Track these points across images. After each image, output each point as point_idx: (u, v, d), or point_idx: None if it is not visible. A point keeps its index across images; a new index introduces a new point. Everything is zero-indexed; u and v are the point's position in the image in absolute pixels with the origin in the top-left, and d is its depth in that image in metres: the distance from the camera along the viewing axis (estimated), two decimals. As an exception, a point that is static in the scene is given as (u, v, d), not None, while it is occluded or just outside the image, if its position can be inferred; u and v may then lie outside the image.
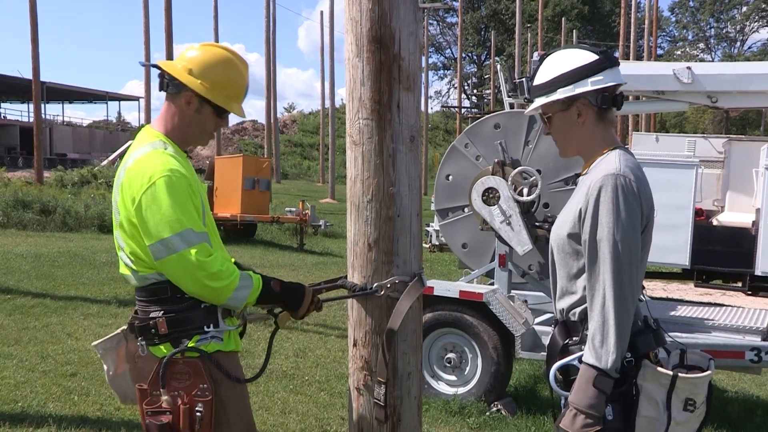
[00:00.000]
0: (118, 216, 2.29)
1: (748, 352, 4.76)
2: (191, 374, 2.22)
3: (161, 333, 2.25)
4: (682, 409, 1.96)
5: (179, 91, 2.33)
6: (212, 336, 2.29)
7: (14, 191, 16.92)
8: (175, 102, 2.36)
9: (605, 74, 2.09)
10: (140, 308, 2.34)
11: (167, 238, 2.15)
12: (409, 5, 2.35)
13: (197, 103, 2.35)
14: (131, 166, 2.25)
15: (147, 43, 21.61)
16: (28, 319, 7.10)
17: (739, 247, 6.45)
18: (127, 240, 2.27)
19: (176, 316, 2.25)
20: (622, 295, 1.92)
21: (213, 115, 2.40)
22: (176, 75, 2.32)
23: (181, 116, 2.36)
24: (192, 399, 2.20)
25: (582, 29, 48.81)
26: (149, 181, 2.17)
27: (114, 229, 2.36)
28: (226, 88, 2.36)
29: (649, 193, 2.03)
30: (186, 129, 2.38)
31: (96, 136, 49.55)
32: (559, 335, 2.14)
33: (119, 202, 2.26)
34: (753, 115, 43.94)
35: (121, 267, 2.39)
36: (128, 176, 2.23)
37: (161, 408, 2.20)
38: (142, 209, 2.17)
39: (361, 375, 2.47)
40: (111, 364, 2.45)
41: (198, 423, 2.19)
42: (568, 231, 2.07)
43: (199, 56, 2.35)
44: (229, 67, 2.37)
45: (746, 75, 5.59)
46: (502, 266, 5.42)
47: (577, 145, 2.18)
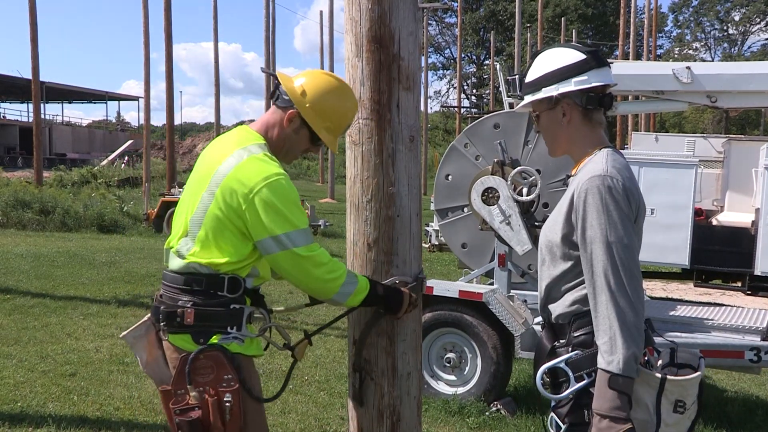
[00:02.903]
0: (207, 204, 2.29)
1: (748, 352, 4.76)
2: (214, 367, 2.23)
3: (186, 323, 2.27)
4: (672, 411, 1.94)
5: (286, 106, 2.39)
6: (234, 337, 2.31)
7: (14, 191, 16.92)
8: (279, 114, 2.41)
9: (590, 74, 2.06)
10: (168, 294, 2.35)
11: (280, 235, 2.21)
12: (409, 5, 2.35)
13: (298, 124, 2.39)
14: (244, 163, 2.27)
15: (147, 44, 21.59)
16: (27, 319, 7.10)
17: (738, 247, 6.45)
18: (210, 230, 2.28)
19: (204, 310, 2.27)
20: (625, 295, 1.90)
21: (307, 140, 2.44)
22: (289, 92, 2.38)
23: (280, 129, 2.42)
24: (218, 391, 2.22)
25: (582, 29, 48.82)
26: (266, 179, 2.22)
27: (185, 213, 2.37)
28: (329, 120, 2.39)
29: (637, 192, 2.01)
30: (278, 142, 2.43)
31: (95, 136, 49.58)
32: (547, 338, 2.13)
33: (219, 194, 2.27)
34: (752, 115, 43.93)
35: (171, 242, 2.41)
36: (240, 172, 2.25)
37: (189, 405, 2.22)
38: (255, 206, 2.21)
39: (361, 375, 2.47)
40: (143, 352, 2.47)
41: (228, 413, 2.21)
42: (557, 233, 2.06)
43: (315, 82, 2.40)
44: (340, 100, 2.38)
45: (746, 75, 5.59)
46: (502, 266, 5.42)
47: (564, 144, 2.16)
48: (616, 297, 1.90)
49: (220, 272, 2.28)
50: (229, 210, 2.25)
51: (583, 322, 2.02)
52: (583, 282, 2.02)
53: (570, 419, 2.02)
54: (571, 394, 2.00)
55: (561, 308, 2.08)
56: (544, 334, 2.16)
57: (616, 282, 1.90)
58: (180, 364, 2.25)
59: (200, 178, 2.37)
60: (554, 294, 2.11)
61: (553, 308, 2.11)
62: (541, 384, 2.05)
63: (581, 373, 1.99)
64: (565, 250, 2.04)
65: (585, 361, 1.99)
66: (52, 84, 41.33)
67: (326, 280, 2.25)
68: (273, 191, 2.22)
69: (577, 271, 2.03)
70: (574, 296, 2.05)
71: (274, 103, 2.45)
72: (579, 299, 2.03)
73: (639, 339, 1.90)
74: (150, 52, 22.06)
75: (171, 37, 21.72)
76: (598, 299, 1.93)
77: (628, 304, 1.90)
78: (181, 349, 2.29)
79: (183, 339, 2.30)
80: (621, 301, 1.90)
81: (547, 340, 2.12)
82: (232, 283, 2.29)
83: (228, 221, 2.26)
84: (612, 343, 1.88)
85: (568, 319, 2.05)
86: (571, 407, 2.02)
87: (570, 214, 2.02)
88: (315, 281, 2.26)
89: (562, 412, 2.04)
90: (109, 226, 15.79)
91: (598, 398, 1.89)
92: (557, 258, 2.07)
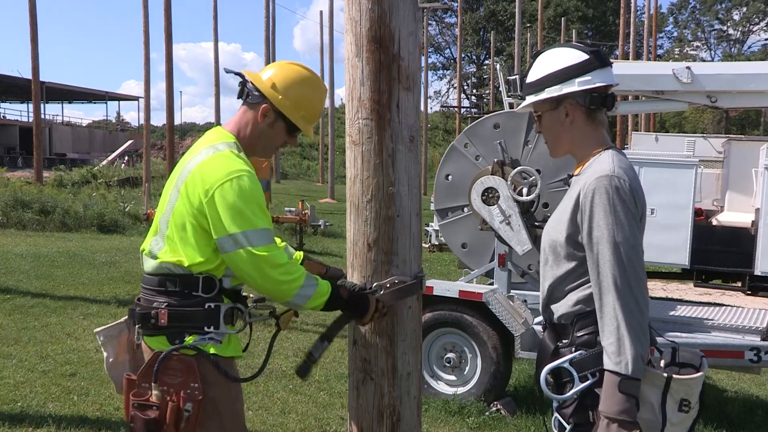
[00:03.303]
0: (174, 201, 2.31)
1: (748, 352, 4.76)
2: (184, 371, 2.22)
3: (160, 324, 2.26)
4: (677, 410, 1.94)
5: (258, 102, 2.40)
6: (210, 338, 2.29)
7: (14, 191, 16.91)
8: (251, 111, 2.42)
9: (594, 75, 2.05)
10: (144, 296, 2.36)
11: (237, 234, 2.19)
12: (409, 5, 2.35)
13: (272, 117, 2.41)
14: (208, 160, 2.28)
15: (146, 43, 21.57)
16: (27, 319, 7.10)
17: (738, 247, 6.45)
18: (175, 228, 2.29)
19: (178, 311, 2.26)
20: (631, 295, 1.89)
21: (284, 132, 2.46)
22: (260, 86, 2.39)
23: (254, 126, 2.42)
24: (181, 397, 2.20)
25: (582, 29, 48.81)
26: (227, 176, 2.22)
27: (158, 214, 2.39)
28: (303, 109, 2.42)
29: (642, 193, 2.01)
30: (255, 139, 2.43)
31: (95, 136, 49.58)
32: (549, 338, 2.11)
33: (183, 190, 2.28)
34: (752, 115, 43.94)
35: (144, 244, 2.42)
36: (203, 169, 2.26)
37: (148, 402, 2.21)
38: (215, 203, 2.21)
39: (360, 375, 2.47)
40: (111, 352, 2.47)
41: (184, 421, 2.19)
42: (561, 233, 2.04)
43: (284, 73, 2.42)
44: (311, 89, 2.43)
45: (746, 75, 5.59)
46: (502, 266, 5.42)
47: (566, 145, 2.15)
48: (623, 297, 1.89)
49: (194, 272, 2.27)
50: (191, 207, 2.25)
51: (587, 322, 2.01)
52: (586, 282, 2.01)
53: (575, 419, 2.01)
54: (575, 395, 1.99)
55: (564, 308, 2.06)
56: (546, 334, 2.14)
57: (623, 282, 1.89)
58: (152, 358, 2.24)
59: (171, 179, 2.39)
60: (557, 294, 2.10)
61: (556, 308, 2.10)
62: (545, 384, 2.04)
63: (585, 373, 1.98)
64: (569, 250, 2.03)
65: (589, 361, 1.98)
66: (52, 84, 41.32)
67: (282, 282, 2.22)
68: (233, 188, 2.21)
69: (581, 271, 2.02)
70: (577, 296, 2.04)
71: (244, 102, 2.45)
72: (582, 299, 2.02)
73: (645, 340, 1.90)
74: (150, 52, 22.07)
75: (171, 37, 21.71)
76: (604, 300, 1.92)
77: (635, 305, 1.89)
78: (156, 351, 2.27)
79: (158, 341, 2.29)
80: (628, 301, 1.89)
81: (550, 340, 2.11)
82: (206, 282, 2.28)
83: (192, 218, 2.25)
84: (619, 344, 1.87)
85: (571, 320, 2.04)
86: (576, 407, 2.01)
87: (575, 214, 2.00)
88: (271, 282, 2.22)
89: (567, 412, 2.03)
90: (109, 226, 15.79)
91: (606, 401, 1.88)
92: (561, 258, 2.06)
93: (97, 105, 67.10)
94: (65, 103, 54.56)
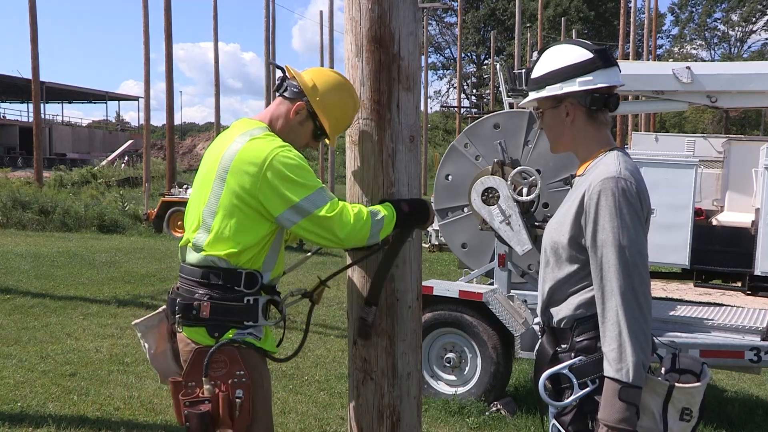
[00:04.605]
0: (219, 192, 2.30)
1: (748, 352, 4.75)
2: (227, 362, 2.25)
3: (202, 316, 2.28)
4: (679, 419, 1.90)
5: (294, 98, 2.43)
6: (249, 333, 2.32)
7: (14, 191, 16.92)
8: (286, 105, 2.45)
9: (596, 75, 2.00)
10: (185, 287, 2.37)
11: (299, 203, 2.23)
12: (409, 5, 2.35)
13: (304, 116, 2.43)
14: (247, 145, 2.29)
15: (146, 43, 21.57)
16: (27, 319, 7.10)
17: (738, 247, 6.45)
18: (223, 218, 2.29)
19: (221, 304, 2.29)
20: (635, 300, 1.85)
21: (310, 133, 2.48)
22: (301, 84, 2.42)
23: (285, 120, 2.45)
24: (230, 386, 2.24)
25: (582, 29, 48.79)
26: (271, 153, 2.25)
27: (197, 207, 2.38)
28: (335, 115, 2.43)
29: (648, 196, 1.96)
30: (284, 133, 2.45)
31: (95, 136, 49.58)
32: (548, 343, 2.06)
33: (230, 179, 2.28)
34: (752, 115, 43.93)
35: (187, 236, 2.42)
36: (245, 154, 2.27)
37: (199, 398, 2.23)
38: (267, 182, 2.23)
39: (360, 375, 2.47)
40: (152, 343, 2.49)
41: (238, 409, 2.23)
42: (563, 235, 1.99)
43: (325, 77, 2.44)
44: (347, 99, 2.44)
45: (746, 75, 5.58)
46: (502, 266, 5.42)
47: (567, 143, 2.11)
48: (626, 302, 1.84)
49: (237, 267, 2.30)
50: (242, 193, 2.26)
51: (587, 327, 1.97)
52: (588, 285, 1.96)
53: (573, 427, 1.96)
54: (574, 401, 1.95)
55: (564, 312, 2.02)
56: (545, 339, 2.09)
57: (626, 287, 1.85)
58: (195, 356, 2.26)
59: (207, 171, 2.39)
60: (557, 297, 2.04)
61: (556, 311, 2.05)
62: (544, 391, 2.00)
63: (585, 380, 1.94)
64: (571, 252, 1.98)
65: (589, 367, 1.94)
66: (52, 84, 41.33)
67: (357, 229, 2.25)
68: (280, 163, 2.24)
69: (583, 274, 1.97)
70: (578, 300, 1.99)
71: (280, 94, 2.48)
72: (583, 303, 1.98)
73: (647, 346, 1.86)
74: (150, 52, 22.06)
75: (171, 37, 21.71)
76: (607, 304, 1.87)
77: (638, 310, 1.85)
78: (195, 342, 2.30)
79: (197, 332, 2.31)
80: (631, 307, 1.84)
81: (549, 345, 2.06)
82: (249, 278, 2.31)
83: (243, 205, 2.27)
84: (621, 350, 1.83)
85: (570, 324, 2.00)
86: (575, 415, 1.96)
87: (579, 215, 1.95)
88: (347, 234, 2.25)
89: (566, 420, 1.98)
90: (109, 226, 15.80)
91: (606, 408, 1.84)
92: (563, 260, 2.01)
93: (96, 105, 67.12)
94: (65, 103, 54.56)
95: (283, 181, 2.23)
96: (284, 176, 2.23)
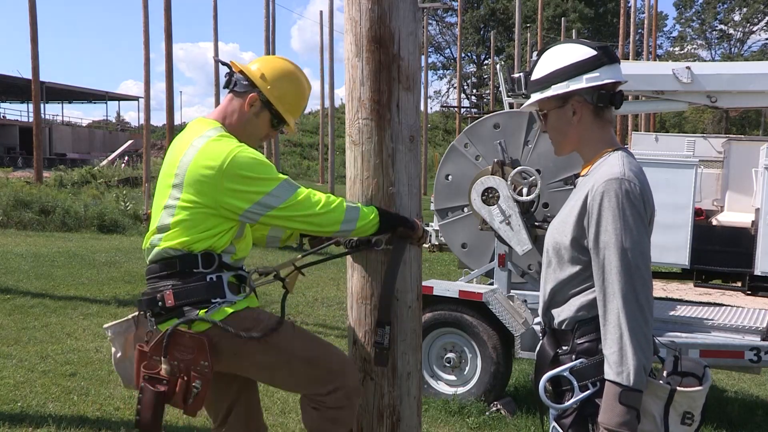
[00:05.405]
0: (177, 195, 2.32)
1: (748, 352, 4.75)
2: (195, 349, 2.25)
3: (168, 305, 2.29)
4: (680, 423, 1.88)
5: (245, 91, 2.45)
6: (221, 304, 2.32)
7: (14, 191, 16.91)
8: (238, 100, 2.47)
9: (602, 71, 1.98)
10: (150, 285, 2.40)
11: (262, 199, 2.25)
12: (409, 5, 2.35)
13: (259, 107, 2.46)
14: (203, 148, 2.31)
15: (146, 43, 21.55)
16: (27, 319, 7.10)
17: (738, 247, 6.44)
18: (181, 218, 2.31)
19: (182, 288, 2.30)
20: (637, 303, 1.83)
21: (268, 123, 2.50)
22: (250, 75, 2.45)
23: (240, 115, 2.47)
24: (192, 374, 2.26)
25: (582, 29, 48.78)
26: (228, 155, 2.27)
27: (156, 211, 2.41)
28: (289, 102, 2.48)
29: (651, 197, 1.94)
30: (240, 128, 2.47)
31: (96, 136, 49.56)
32: (549, 345, 2.05)
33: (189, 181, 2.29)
34: (752, 115, 43.93)
35: (145, 243, 2.45)
36: (202, 157, 2.29)
37: (159, 375, 2.26)
38: (228, 183, 2.25)
39: (360, 375, 2.47)
40: (119, 347, 2.51)
41: (193, 397, 2.26)
42: (566, 235, 1.97)
43: (272, 65, 2.49)
44: (298, 83, 2.50)
45: (746, 75, 5.59)
46: (502, 266, 5.42)
47: (574, 143, 2.08)
48: (628, 305, 1.83)
49: (192, 251, 2.31)
50: (200, 197, 2.28)
51: (588, 329, 1.95)
52: (590, 287, 1.95)
53: (574, 430, 1.95)
54: (575, 404, 1.94)
55: (566, 313, 2.00)
56: (545, 340, 2.08)
57: (628, 289, 1.83)
58: (162, 334, 2.28)
59: (165, 175, 2.41)
60: (559, 298, 2.03)
61: (557, 313, 2.03)
62: (544, 393, 1.99)
63: (586, 383, 1.93)
64: (573, 253, 1.96)
65: (590, 369, 1.92)
66: (52, 84, 41.31)
67: (326, 213, 2.27)
68: (238, 162, 2.26)
69: (585, 276, 1.96)
70: (580, 301, 1.97)
71: (231, 90, 2.49)
72: (585, 305, 1.96)
73: (648, 349, 1.84)
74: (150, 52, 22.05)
75: (171, 37, 21.68)
76: (608, 306, 1.86)
77: (640, 313, 1.83)
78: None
79: (170, 324, 2.30)
80: (633, 309, 1.83)
81: (549, 346, 2.04)
82: (205, 258, 2.32)
83: (203, 207, 2.28)
84: (622, 353, 1.81)
85: (572, 326, 1.98)
86: (575, 418, 1.95)
87: (582, 216, 1.93)
88: (317, 217, 2.27)
89: (566, 422, 1.97)
90: (109, 226, 15.78)
91: (606, 412, 1.83)
92: (565, 261, 1.99)
93: (96, 105, 67.13)
94: (65, 103, 54.55)
95: (243, 180, 2.25)
96: (243, 176, 2.25)
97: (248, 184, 2.25)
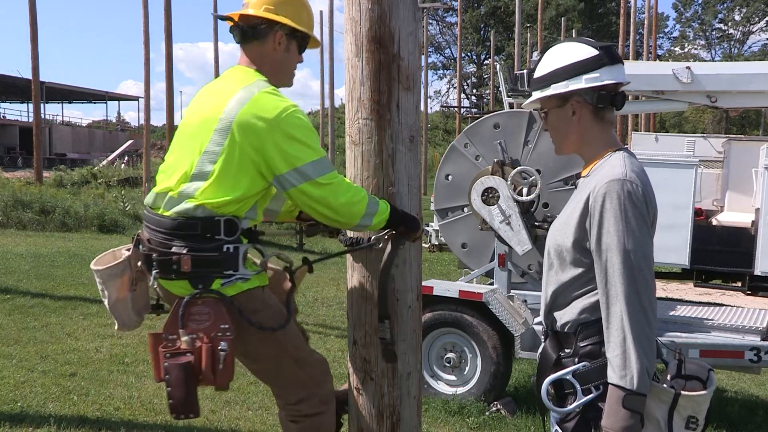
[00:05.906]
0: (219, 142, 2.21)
1: (748, 352, 4.75)
2: (211, 314, 2.18)
3: (183, 270, 2.19)
4: (684, 428, 1.87)
5: (267, 33, 2.39)
6: (237, 278, 2.25)
7: (14, 191, 16.91)
8: (261, 46, 2.41)
9: (603, 72, 1.97)
10: (158, 240, 2.25)
11: (303, 166, 2.20)
12: (409, 5, 2.35)
13: (286, 41, 2.43)
14: (257, 98, 2.23)
15: (146, 43, 21.55)
16: (27, 319, 7.10)
17: (738, 247, 6.44)
18: (223, 166, 2.20)
19: (201, 256, 2.20)
20: (640, 305, 1.81)
21: (297, 51, 2.48)
22: (264, 16, 2.38)
23: (272, 58, 2.43)
24: (213, 338, 2.15)
25: (582, 29, 48.77)
26: (284, 111, 2.21)
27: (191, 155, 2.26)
28: (305, 17, 2.45)
29: (653, 198, 1.92)
30: (275, 68, 2.43)
31: (96, 136, 49.58)
32: (551, 348, 2.03)
33: (236, 129, 2.19)
34: (753, 115, 43.92)
35: (163, 188, 2.30)
36: (255, 107, 2.21)
37: (180, 350, 2.14)
38: (277, 139, 2.19)
39: (360, 375, 2.47)
40: (113, 291, 2.39)
41: (221, 362, 2.13)
42: (568, 237, 1.96)
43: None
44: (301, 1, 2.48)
45: (746, 75, 5.59)
46: (502, 266, 5.42)
47: (574, 143, 2.06)
48: (631, 308, 1.81)
49: (216, 215, 2.21)
50: (246, 146, 2.20)
51: (591, 332, 1.94)
52: (593, 289, 1.93)
53: None
54: (578, 408, 1.92)
55: (568, 316, 1.98)
56: (548, 343, 2.06)
57: (631, 292, 1.81)
58: (174, 307, 2.19)
59: (204, 121, 2.28)
60: (561, 300, 2.01)
61: (560, 315, 2.01)
62: (547, 396, 1.97)
63: (589, 386, 1.91)
64: (575, 255, 1.94)
65: (593, 373, 1.91)
66: (52, 84, 41.30)
67: (353, 204, 2.22)
68: (293, 123, 2.21)
69: (587, 278, 1.94)
70: (582, 304, 1.95)
71: (249, 41, 2.42)
72: (588, 307, 1.94)
73: (651, 352, 1.82)
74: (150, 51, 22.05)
75: (171, 37, 21.69)
76: (611, 309, 1.84)
77: (643, 316, 1.81)
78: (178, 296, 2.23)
79: (180, 285, 2.23)
80: (636, 312, 1.81)
81: (552, 349, 2.02)
82: (228, 225, 2.23)
83: (245, 158, 2.20)
84: (625, 356, 1.80)
85: (574, 328, 1.96)
86: (578, 422, 1.93)
87: (584, 218, 1.91)
88: (342, 207, 2.22)
89: (569, 426, 1.95)
90: (109, 226, 15.78)
91: (609, 416, 1.81)
92: (567, 263, 1.97)
93: (96, 105, 67.11)
94: (65, 103, 54.54)
95: (292, 141, 2.19)
96: (292, 136, 2.19)
97: (293, 146, 2.18)
